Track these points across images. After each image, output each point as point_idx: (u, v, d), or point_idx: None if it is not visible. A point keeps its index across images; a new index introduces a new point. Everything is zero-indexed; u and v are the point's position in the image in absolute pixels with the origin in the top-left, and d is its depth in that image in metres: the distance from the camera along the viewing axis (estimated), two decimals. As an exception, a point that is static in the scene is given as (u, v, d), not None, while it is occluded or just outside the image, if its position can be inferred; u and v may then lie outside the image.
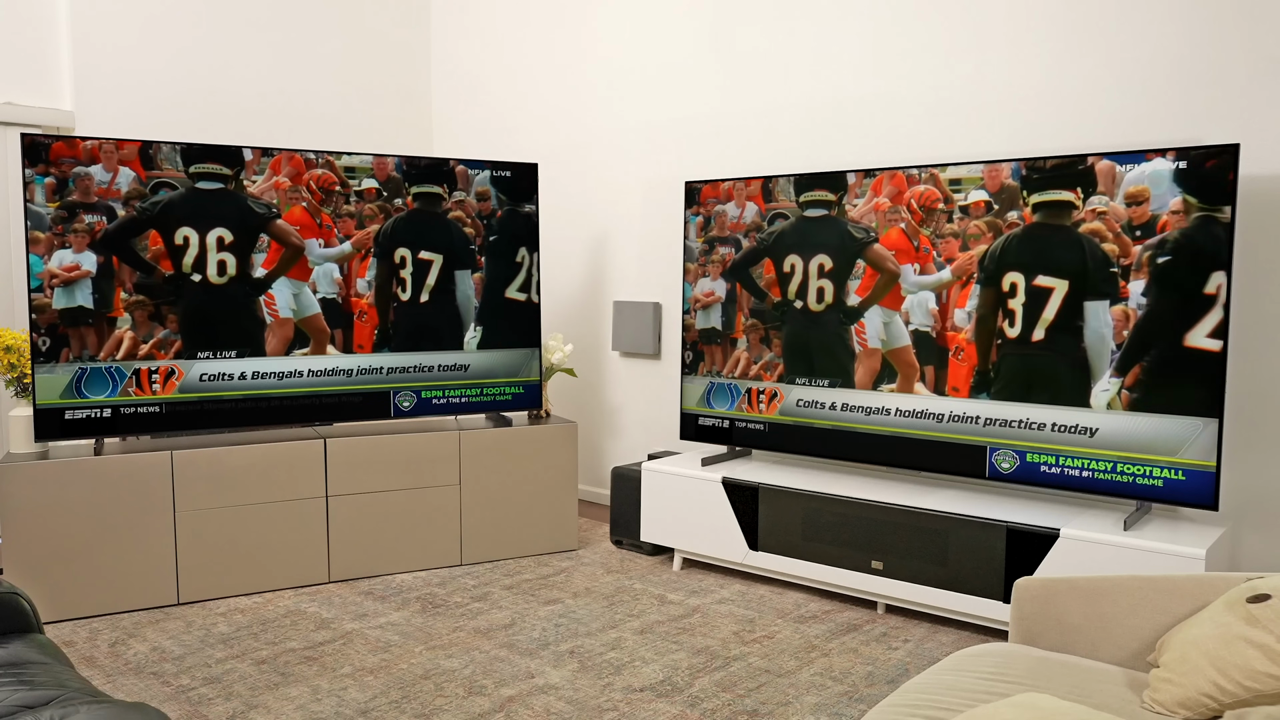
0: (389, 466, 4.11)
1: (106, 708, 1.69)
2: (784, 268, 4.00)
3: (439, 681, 3.07)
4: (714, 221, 4.20)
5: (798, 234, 3.96)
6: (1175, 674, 1.92)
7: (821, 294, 3.90)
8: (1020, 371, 3.45)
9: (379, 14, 5.73)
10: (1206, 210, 3.09)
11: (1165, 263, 3.17)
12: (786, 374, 4.01)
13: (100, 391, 3.67)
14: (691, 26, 4.78)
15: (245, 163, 3.78)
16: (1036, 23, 3.74)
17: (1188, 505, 3.17)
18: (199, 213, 3.73)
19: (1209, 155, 3.09)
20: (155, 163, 3.66)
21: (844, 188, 3.84)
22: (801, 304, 3.93)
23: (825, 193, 3.89)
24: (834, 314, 3.88)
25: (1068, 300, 3.34)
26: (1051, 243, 3.37)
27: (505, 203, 4.32)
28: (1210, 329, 3.10)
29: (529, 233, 4.37)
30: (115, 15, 4.72)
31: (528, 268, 4.35)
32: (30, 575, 3.53)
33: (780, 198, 4.00)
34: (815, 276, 3.90)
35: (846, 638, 3.45)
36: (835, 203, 3.86)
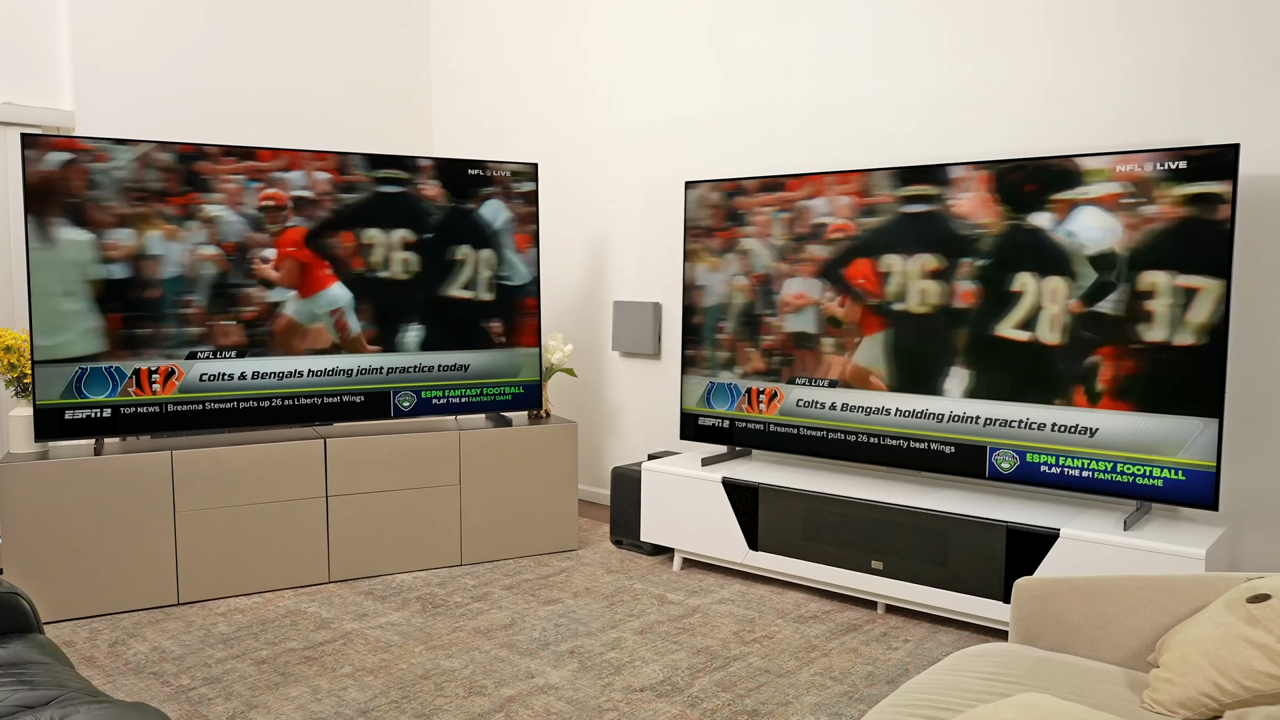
0: (389, 466, 4.11)
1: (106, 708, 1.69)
2: (881, 267, 3.76)
3: (439, 681, 3.07)
4: (798, 218, 3.94)
5: (897, 231, 3.71)
6: (1175, 674, 1.92)
7: (925, 296, 3.67)
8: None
9: (379, 14, 5.73)
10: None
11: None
12: (894, 384, 3.76)
13: (100, 391, 3.67)
14: (691, 26, 4.78)
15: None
16: (1037, 23, 3.74)
17: (1188, 505, 3.17)
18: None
19: (1209, 155, 3.09)
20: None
21: (947, 181, 3.61)
22: (903, 306, 3.73)
23: (928, 187, 3.63)
24: (942, 317, 3.66)
25: (1220, 300, 3.12)
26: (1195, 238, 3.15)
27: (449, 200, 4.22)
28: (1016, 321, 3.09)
29: (472, 231, 4.29)
30: (115, 15, 4.72)
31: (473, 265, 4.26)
32: (30, 575, 3.53)
33: (877, 192, 3.75)
34: (918, 277, 3.68)
35: (846, 638, 3.45)
36: (939, 198, 3.63)
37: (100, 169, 3.63)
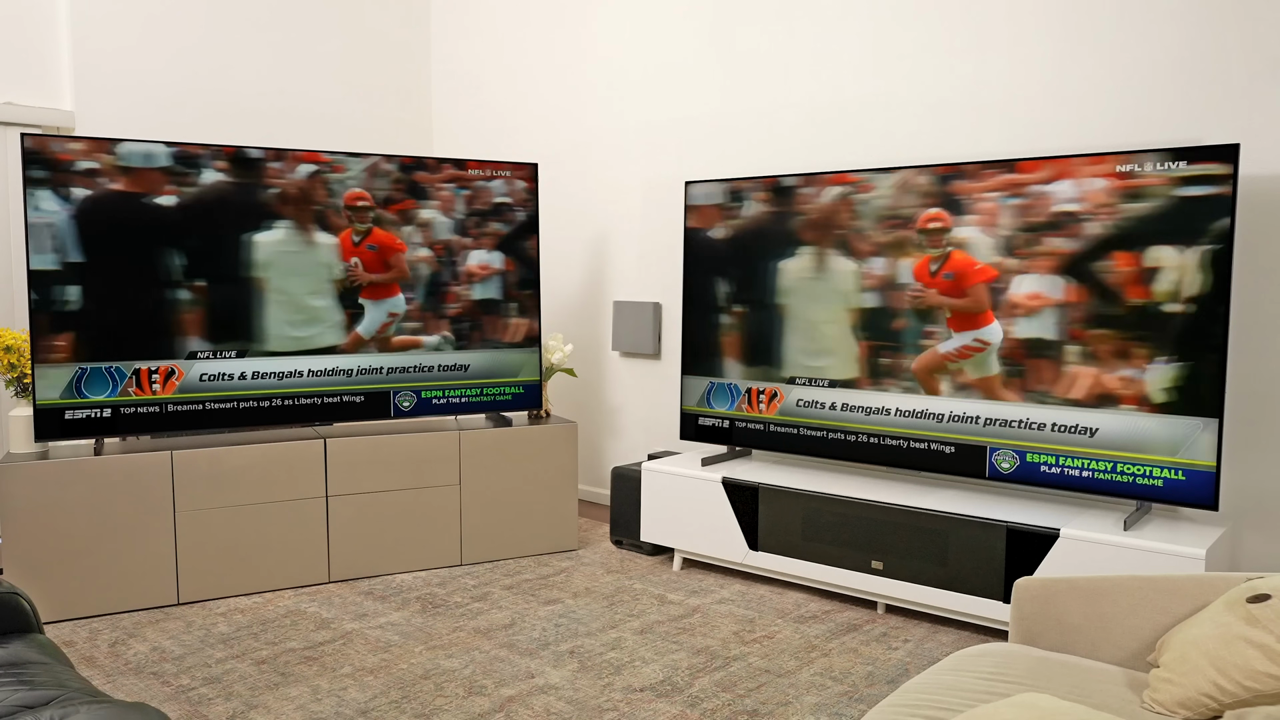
0: (389, 466, 4.11)
1: (106, 708, 1.69)
2: (1146, 261, 3.28)
3: (439, 681, 3.07)
4: (1031, 204, 3.44)
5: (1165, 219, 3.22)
6: (1175, 674, 1.92)
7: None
8: None
9: (379, 14, 5.73)
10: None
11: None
12: (1179, 405, 3.24)
13: (100, 391, 3.67)
14: (691, 26, 4.78)
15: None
16: (1037, 23, 3.74)
17: (1188, 505, 3.17)
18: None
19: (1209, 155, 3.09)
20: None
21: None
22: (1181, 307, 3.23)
23: (1213, 165, 3.14)
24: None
25: None
26: None
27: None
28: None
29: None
30: (115, 15, 4.72)
31: None
32: (30, 575, 3.53)
33: (1145, 173, 3.26)
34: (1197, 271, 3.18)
35: (846, 638, 3.45)
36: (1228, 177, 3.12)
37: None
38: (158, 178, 3.71)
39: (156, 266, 3.73)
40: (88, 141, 3.60)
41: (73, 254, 3.60)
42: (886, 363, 3.79)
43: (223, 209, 3.82)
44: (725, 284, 4.22)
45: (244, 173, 3.84)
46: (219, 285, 3.83)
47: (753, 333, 4.14)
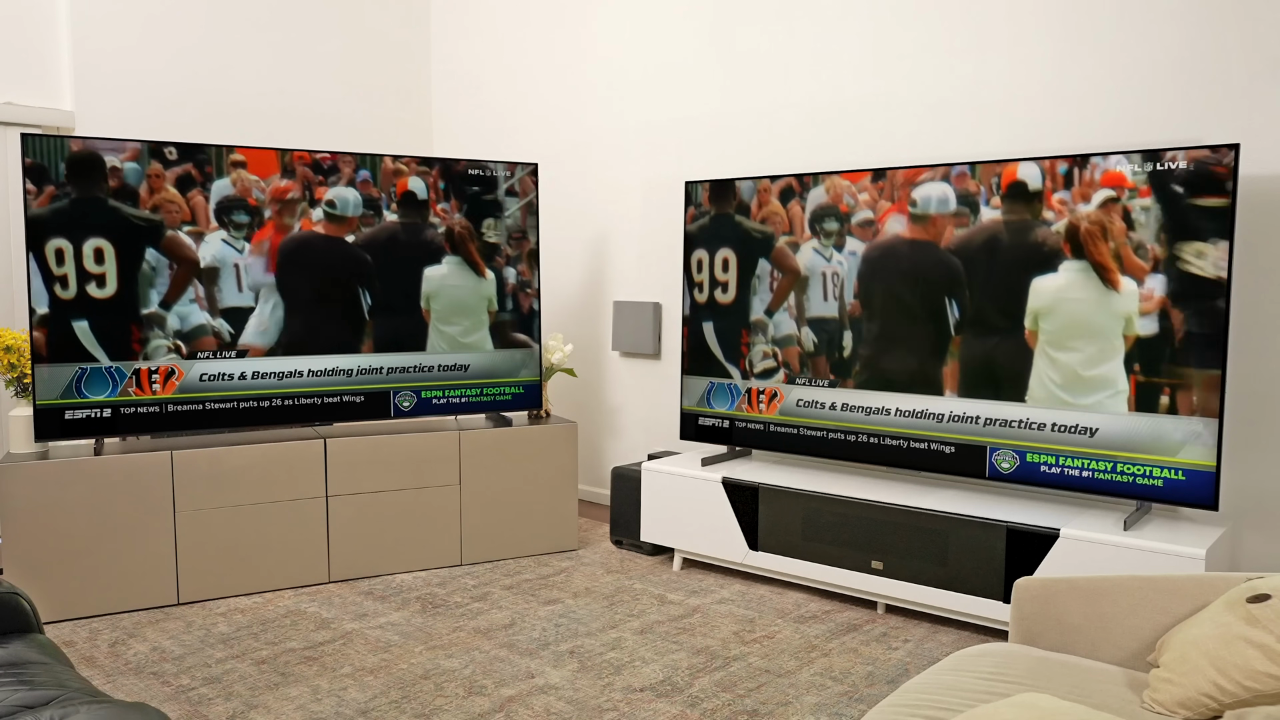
0: (389, 466, 4.11)
1: (106, 708, 1.69)
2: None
3: (439, 681, 3.07)
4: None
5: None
6: (1175, 674, 1.92)
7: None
8: None
9: (379, 14, 5.73)
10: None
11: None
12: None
13: (100, 391, 3.67)
14: (691, 26, 4.78)
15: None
16: (1037, 23, 3.74)
17: (1188, 505, 3.17)
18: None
19: (1209, 155, 3.09)
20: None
21: None
22: None
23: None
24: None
25: None
26: None
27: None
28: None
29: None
30: (115, 15, 4.72)
31: None
32: (30, 575, 3.53)
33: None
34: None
35: (846, 638, 3.45)
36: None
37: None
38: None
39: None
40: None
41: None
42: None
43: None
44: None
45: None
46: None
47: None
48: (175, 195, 3.73)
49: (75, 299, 3.63)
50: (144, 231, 3.71)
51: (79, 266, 3.61)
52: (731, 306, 4.20)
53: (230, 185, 3.83)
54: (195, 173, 3.77)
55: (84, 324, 3.64)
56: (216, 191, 3.81)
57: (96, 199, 3.63)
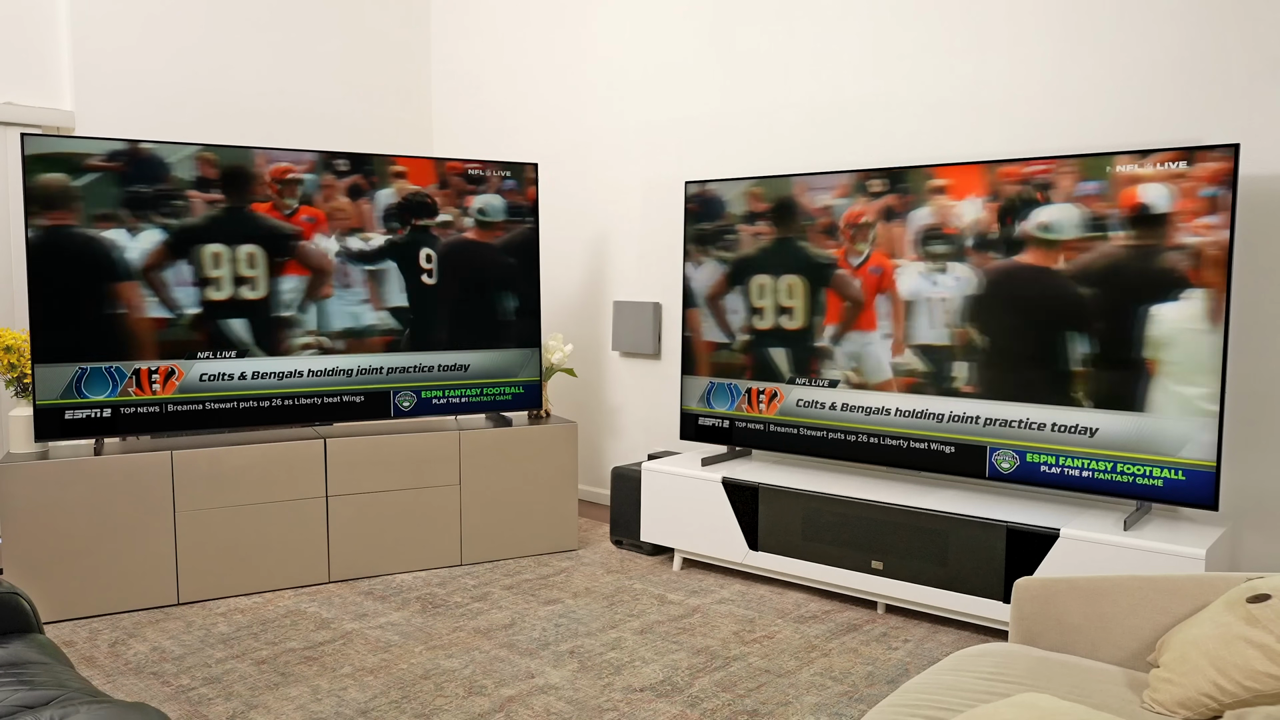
0: (389, 466, 4.11)
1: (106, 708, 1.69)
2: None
3: (439, 681, 3.07)
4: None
5: None
6: (1175, 674, 1.92)
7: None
8: None
9: (379, 14, 5.73)
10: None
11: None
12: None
13: (100, 391, 3.67)
14: (691, 26, 4.78)
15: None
16: (1037, 23, 3.74)
17: (1188, 505, 3.17)
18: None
19: (1209, 155, 3.09)
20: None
21: None
22: None
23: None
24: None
25: None
26: None
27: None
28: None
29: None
30: (115, 15, 4.72)
31: None
32: (30, 575, 3.53)
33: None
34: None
35: (846, 638, 3.45)
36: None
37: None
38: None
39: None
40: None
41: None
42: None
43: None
44: None
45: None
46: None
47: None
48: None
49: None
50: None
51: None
52: (799, 333, 4.01)
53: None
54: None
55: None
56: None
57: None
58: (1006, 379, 3.51)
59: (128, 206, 3.68)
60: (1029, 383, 3.46)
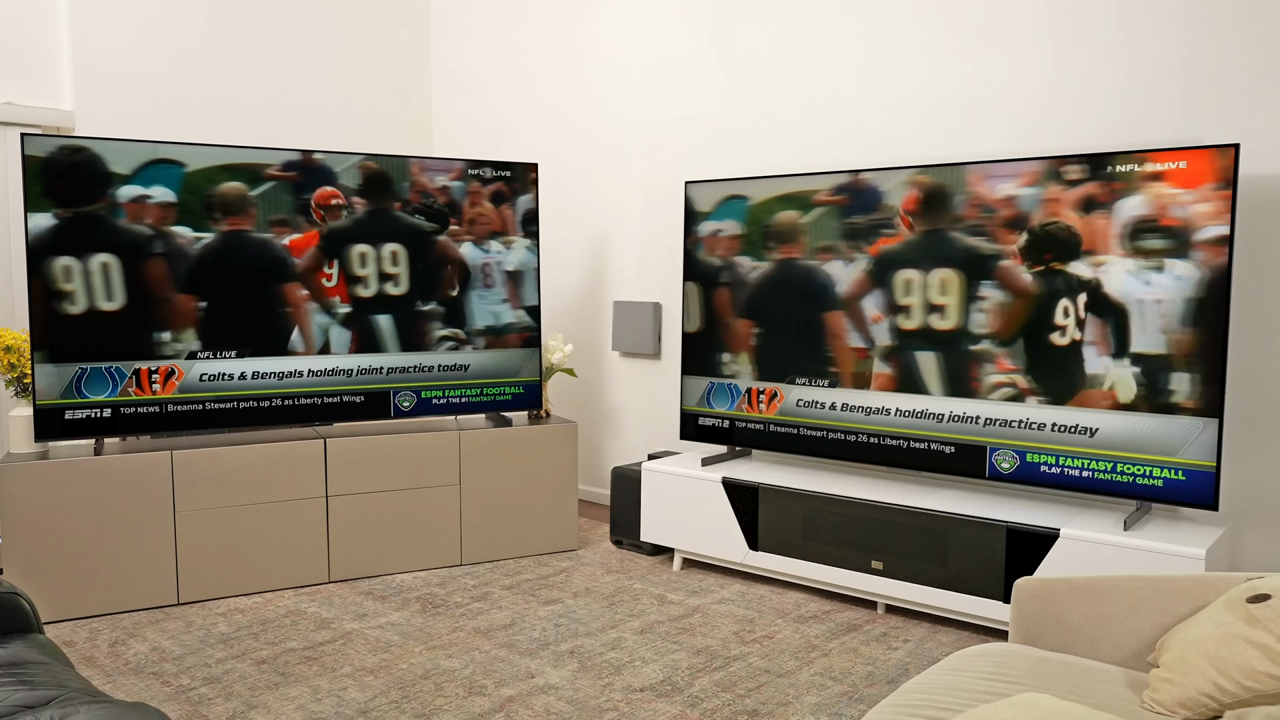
0: (389, 466, 4.11)
1: (106, 708, 1.69)
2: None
3: (439, 681, 3.07)
4: None
5: None
6: (1175, 674, 1.92)
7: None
8: None
9: (379, 14, 5.73)
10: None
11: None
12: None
13: (100, 391, 3.67)
14: (691, 26, 4.78)
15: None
16: (1037, 23, 3.74)
17: (1188, 505, 3.17)
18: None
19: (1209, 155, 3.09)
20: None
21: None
22: None
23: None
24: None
25: None
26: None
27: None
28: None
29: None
30: (115, 15, 4.72)
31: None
32: (30, 575, 3.53)
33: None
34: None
35: (846, 638, 3.45)
36: None
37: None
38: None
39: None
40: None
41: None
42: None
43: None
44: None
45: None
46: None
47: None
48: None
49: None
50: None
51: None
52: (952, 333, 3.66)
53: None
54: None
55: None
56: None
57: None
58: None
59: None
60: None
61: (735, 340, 4.21)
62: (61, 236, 3.58)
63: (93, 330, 3.65)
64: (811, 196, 3.92)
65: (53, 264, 3.58)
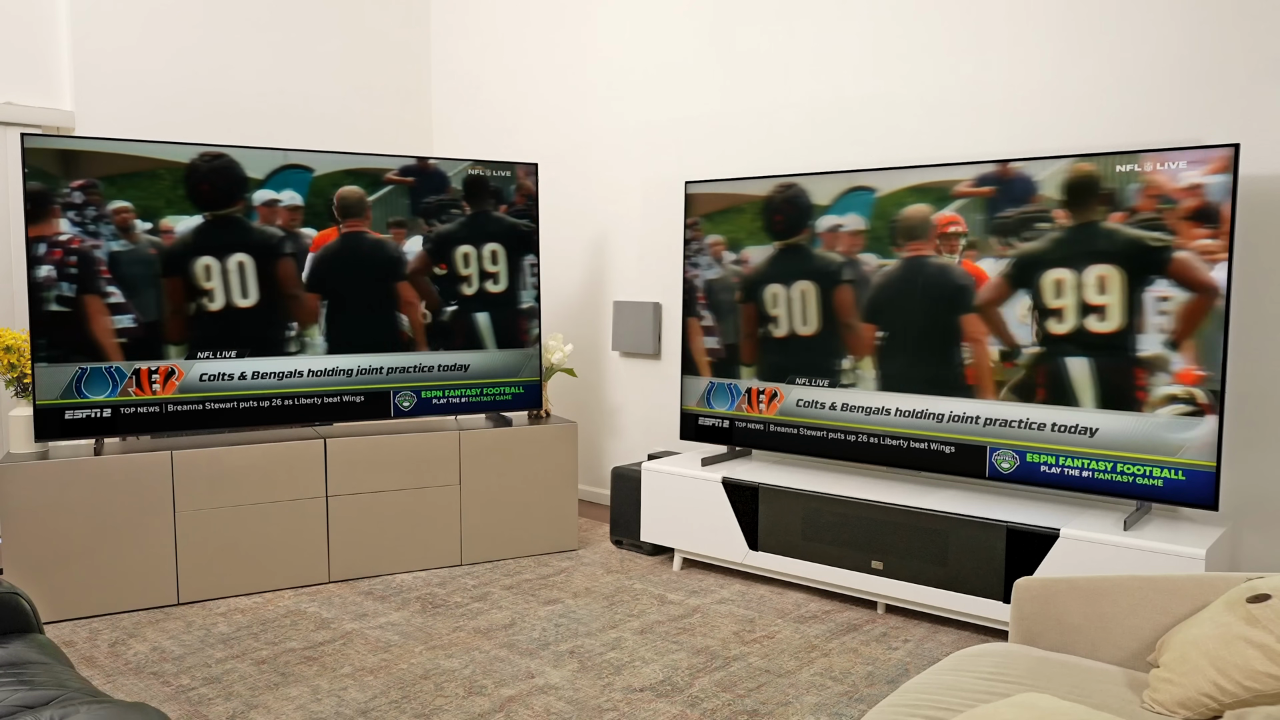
0: (389, 466, 4.11)
1: (106, 708, 1.69)
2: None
3: (439, 681, 3.07)
4: None
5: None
6: (1175, 674, 1.92)
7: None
8: None
9: (379, 14, 5.73)
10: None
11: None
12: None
13: (100, 391, 3.67)
14: (691, 26, 4.78)
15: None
16: (1037, 23, 3.74)
17: (1188, 505, 3.17)
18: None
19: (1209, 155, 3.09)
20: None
21: None
22: None
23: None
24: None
25: None
26: None
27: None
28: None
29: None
30: (115, 15, 4.72)
31: None
32: (30, 575, 3.53)
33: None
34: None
35: (846, 638, 3.45)
36: None
37: None
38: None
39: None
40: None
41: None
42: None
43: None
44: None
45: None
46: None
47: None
48: None
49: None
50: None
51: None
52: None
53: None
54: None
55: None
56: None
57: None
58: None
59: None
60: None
61: (858, 344, 3.82)
62: (203, 238, 3.80)
63: (227, 323, 3.87)
64: (951, 188, 3.58)
65: (194, 264, 3.79)
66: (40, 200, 3.52)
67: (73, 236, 3.57)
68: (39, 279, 3.53)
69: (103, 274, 3.63)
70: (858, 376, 3.85)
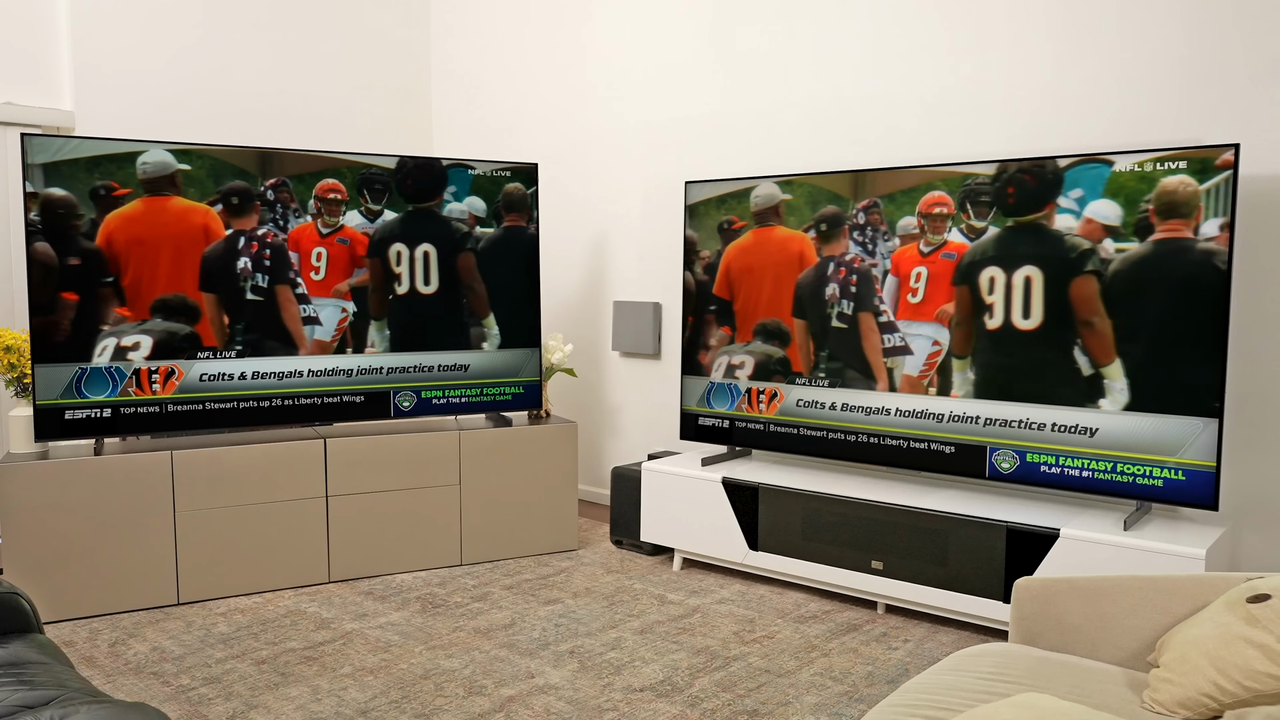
0: (389, 466, 4.11)
1: (106, 708, 1.69)
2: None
3: (439, 681, 3.07)
4: None
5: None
6: (1175, 674, 1.92)
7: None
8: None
9: (379, 14, 5.73)
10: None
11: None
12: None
13: (100, 391, 3.67)
14: (691, 26, 4.78)
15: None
16: (1037, 23, 3.74)
17: (1188, 505, 3.17)
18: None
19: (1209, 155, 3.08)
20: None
21: None
22: None
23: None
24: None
25: None
26: None
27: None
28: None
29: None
30: (115, 15, 4.72)
31: None
32: (30, 575, 3.53)
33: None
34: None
35: (846, 638, 3.45)
36: None
37: None
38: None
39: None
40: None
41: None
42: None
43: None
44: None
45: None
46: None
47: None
48: None
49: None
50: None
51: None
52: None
53: None
54: None
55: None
56: None
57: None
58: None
59: None
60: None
61: (1100, 345, 3.32)
62: (400, 228, 4.14)
63: (411, 308, 4.17)
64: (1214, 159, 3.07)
65: (388, 250, 4.12)
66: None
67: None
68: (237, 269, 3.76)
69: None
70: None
